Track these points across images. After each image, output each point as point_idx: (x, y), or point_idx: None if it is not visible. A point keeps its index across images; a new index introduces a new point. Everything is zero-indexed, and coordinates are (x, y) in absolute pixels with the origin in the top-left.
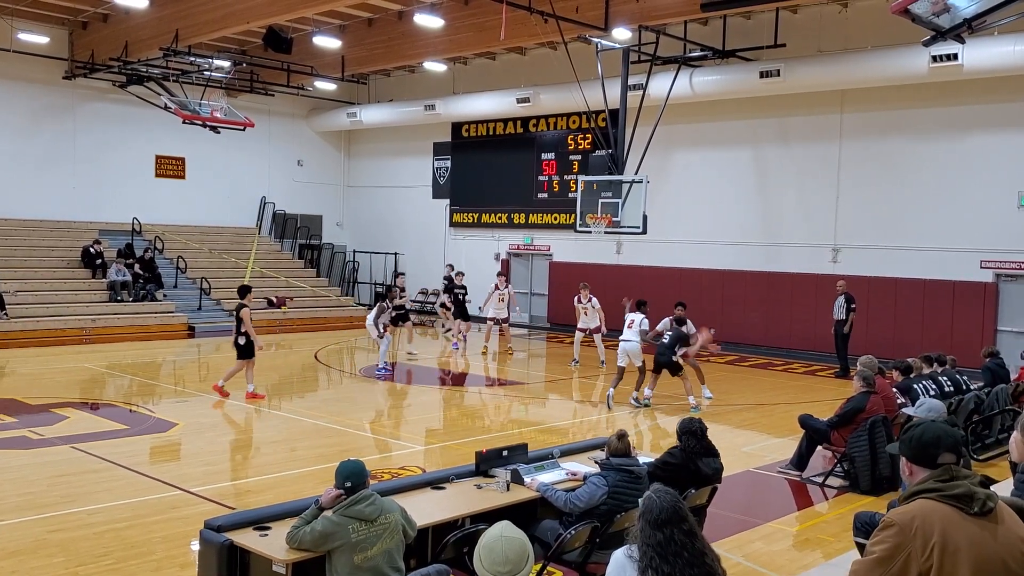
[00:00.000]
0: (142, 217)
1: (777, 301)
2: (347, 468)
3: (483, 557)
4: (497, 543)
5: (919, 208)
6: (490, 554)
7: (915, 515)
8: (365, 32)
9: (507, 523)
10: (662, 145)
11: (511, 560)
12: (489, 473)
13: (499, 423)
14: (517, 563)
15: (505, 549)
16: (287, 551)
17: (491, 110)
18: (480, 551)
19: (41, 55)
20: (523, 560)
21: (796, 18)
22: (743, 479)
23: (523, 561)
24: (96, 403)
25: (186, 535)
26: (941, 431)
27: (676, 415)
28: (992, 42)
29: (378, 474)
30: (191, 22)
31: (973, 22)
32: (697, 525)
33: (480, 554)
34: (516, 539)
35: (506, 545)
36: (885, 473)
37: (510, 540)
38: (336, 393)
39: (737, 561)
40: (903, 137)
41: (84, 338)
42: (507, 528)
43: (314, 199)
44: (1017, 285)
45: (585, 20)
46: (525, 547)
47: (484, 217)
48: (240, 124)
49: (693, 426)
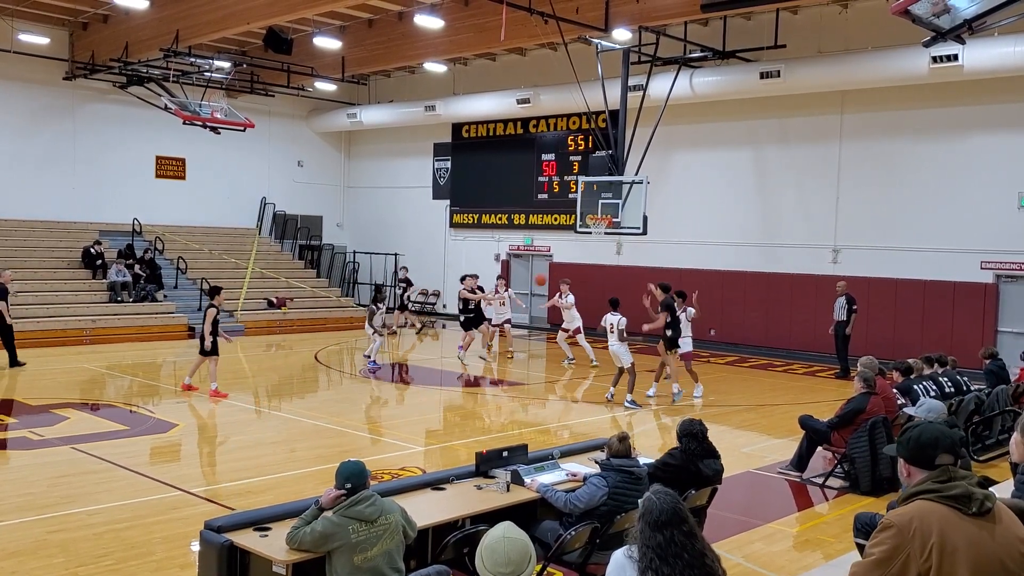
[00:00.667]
0: (142, 218)
1: (777, 302)
2: (348, 469)
3: (485, 558)
4: (499, 544)
5: (919, 209)
6: (492, 555)
7: (913, 516)
8: (365, 33)
9: (509, 524)
10: (662, 146)
11: (513, 561)
12: (489, 474)
13: (499, 424)
14: (519, 564)
15: (507, 550)
16: (287, 552)
17: (491, 111)
18: (482, 551)
19: (41, 56)
20: (525, 561)
21: (796, 19)
22: (743, 480)
23: (525, 562)
24: (96, 404)
25: (186, 536)
26: (939, 432)
27: (676, 416)
28: (992, 43)
29: (378, 475)
30: (191, 23)
31: (973, 23)
32: (697, 526)
33: (482, 555)
34: (518, 540)
35: (508, 546)
36: (885, 474)
37: (512, 541)
38: (336, 394)
39: (737, 562)
40: (903, 138)
41: (84, 339)
42: (509, 529)
43: (314, 200)
44: (1017, 286)
45: (585, 21)
46: (527, 548)
47: (484, 218)
48: (240, 125)
49: (694, 428)
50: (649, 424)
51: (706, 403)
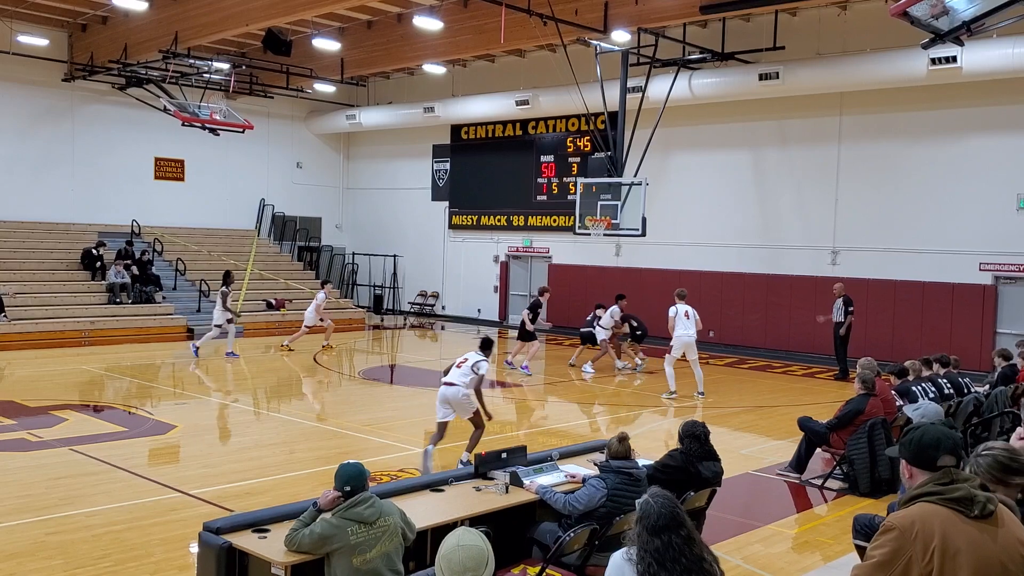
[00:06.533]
0: (141, 219)
1: (776, 303)
2: (347, 471)
3: (443, 567)
4: (454, 553)
5: (918, 210)
6: (449, 563)
7: (915, 519)
8: (364, 34)
9: (464, 530)
10: (661, 147)
11: (469, 568)
12: (488, 475)
13: (498, 425)
14: (476, 570)
15: (463, 558)
16: (286, 553)
17: (490, 112)
18: (440, 562)
19: (40, 57)
20: (482, 566)
21: (795, 21)
22: (742, 481)
23: (482, 567)
24: (95, 405)
25: (185, 537)
26: (941, 434)
27: (677, 416)
28: (991, 45)
29: (377, 476)
30: (190, 24)
31: (972, 25)
32: (695, 530)
33: (440, 563)
34: (472, 546)
35: (463, 554)
36: (884, 475)
37: (467, 548)
38: (335, 395)
39: (736, 563)
40: (902, 140)
41: (83, 340)
42: (464, 536)
43: (313, 201)
44: (1016, 287)
45: (584, 23)
46: (482, 552)
47: (483, 219)
48: (239, 126)
49: (696, 429)
50: (649, 425)
51: (706, 404)
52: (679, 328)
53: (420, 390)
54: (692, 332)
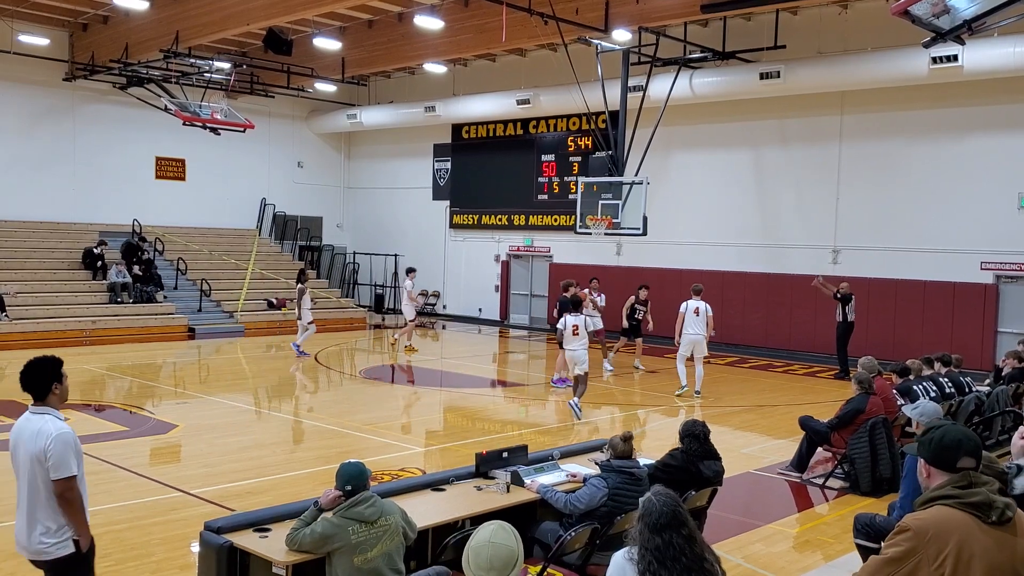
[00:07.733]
0: (142, 219)
1: (777, 302)
2: (348, 471)
3: (470, 558)
4: (484, 548)
5: (919, 209)
6: (476, 557)
7: (931, 523)
8: (365, 34)
9: (499, 526)
10: (662, 147)
11: (495, 568)
12: (489, 475)
13: (499, 424)
14: (501, 571)
15: (491, 556)
16: (287, 553)
17: (491, 111)
18: (468, 551)
19: (41, 57)
20: (508, 568)
21: (796, 20)
22: (743, 480)
23: (508, 568)
24: (96, 405)
25: (186, 537)
26: (962, 435)
27: (677, 416)
28: (992, 43)
29: (378, 476)
30: (191, 24)
31: (973, 23)
32: (697, 529)
33: (468, 553)
34: (504, 546)
35: (492, 551)
36: (885, 474)
37: (497, 547)
38: (336, 395)
39: (737, 563)
40: (903, 138)
41: (84, 340)
42: (497, 533)
43: (314, 201)
44: (1017, 287)
45: (585, 22)
46: (512, 554)
47: (484, 219)
48: (240, 126)
49: (696, 429)
50: (648, 425)
51: (706, 404)
52: (686, 327)
53: (421, 390)
54: (699, 331)
